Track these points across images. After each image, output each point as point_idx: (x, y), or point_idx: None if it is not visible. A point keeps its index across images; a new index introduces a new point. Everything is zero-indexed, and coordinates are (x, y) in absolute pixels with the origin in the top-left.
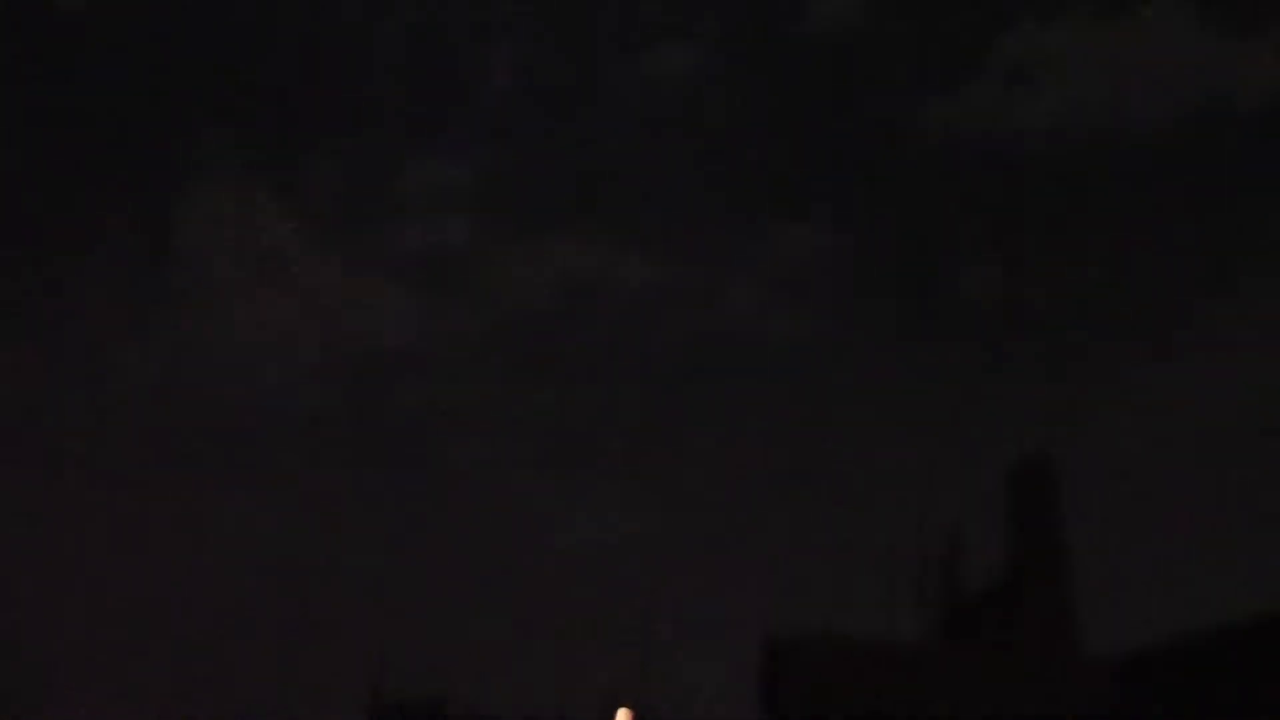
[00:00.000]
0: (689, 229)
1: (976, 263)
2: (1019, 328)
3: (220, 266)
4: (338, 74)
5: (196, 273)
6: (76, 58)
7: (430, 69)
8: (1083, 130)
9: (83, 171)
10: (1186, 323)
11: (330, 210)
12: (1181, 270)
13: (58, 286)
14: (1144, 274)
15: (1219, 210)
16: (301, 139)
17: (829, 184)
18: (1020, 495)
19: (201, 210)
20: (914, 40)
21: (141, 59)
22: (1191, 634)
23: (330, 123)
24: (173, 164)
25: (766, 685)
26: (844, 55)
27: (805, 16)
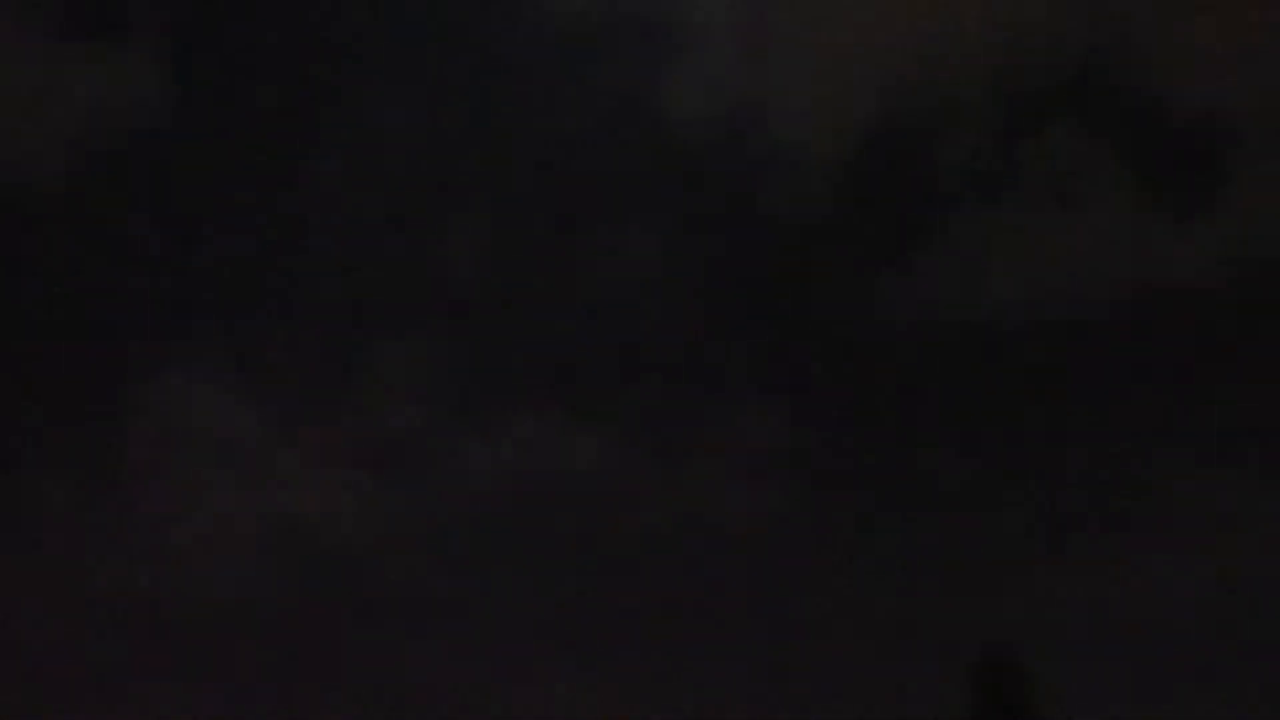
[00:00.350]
0: (648, 411)
1: (935, 443)
2: (980, 508)
3: (175, 453)
4: (296, 256)
5: (151, 460)
6: (41, 240)
7: (389, 248)
8: (1035, 309)
9: (35, 350)
10: (1148, 503)
11: (288, 395)
12: (1141, 449)
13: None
14: (1102, 453)
15: (1172, 388)
16: (260, 323)
17: (787, 366)
18: (984, 689)
19: (157, 397)
20: (865, 220)
21: (101, 241)
22: None
23: (288, 305)
24: (128, 349)
25: None
26: (797, 236)
27: (760, 199)
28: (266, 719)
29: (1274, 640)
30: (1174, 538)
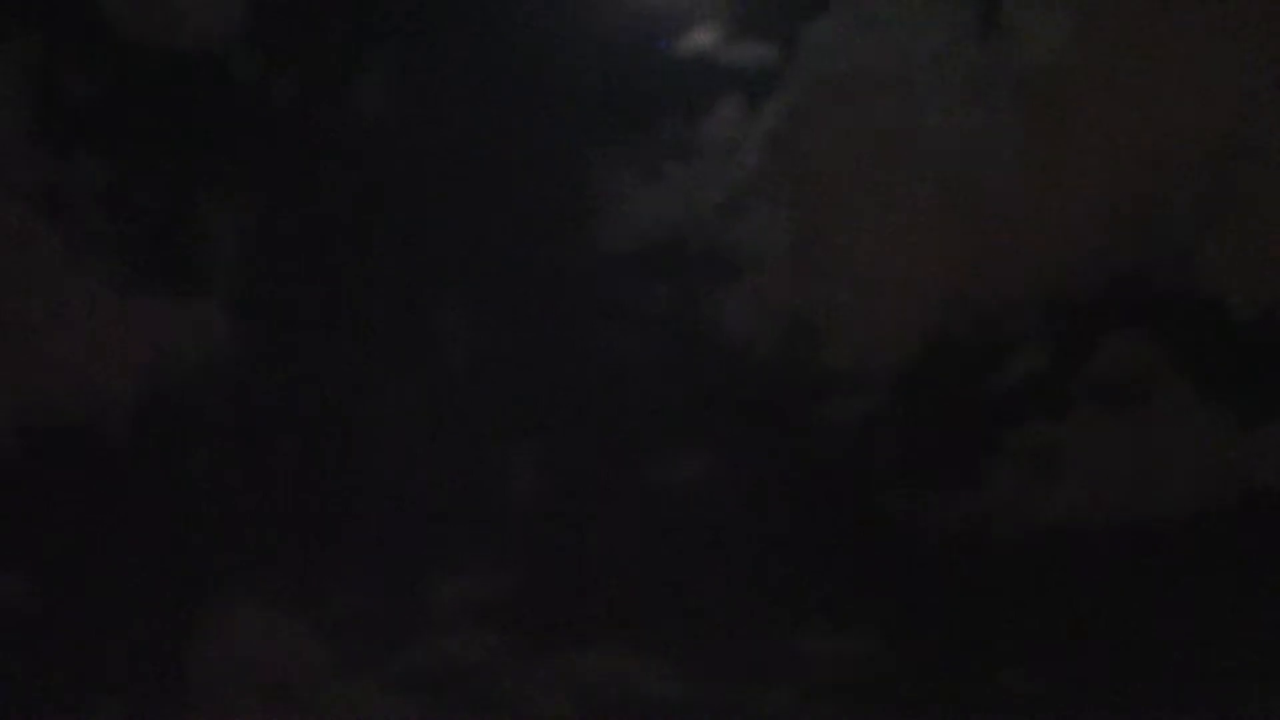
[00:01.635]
0: (713, 640)
1: (1012, 661)
2: None
3: (232, 684)
4: (355, 490)
5: (208, 689)
6: (104, 482)
7: (446, 477)
8: (1101, 519)
9: (95, 581)
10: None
11: (345, 626)
12: (1229, 662)
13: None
14: (1187, 665)
15: (1251, 603)
16: (318, 554)
17: (852, 585)
18: None
19: (214, 626)
20: (923, 436)
21: (164, 480)
22: None
23: (349, 537)
24: (187, 578)
25: None
26: (855, 454)
27: (819, 414)
28: None
29: None
30: None
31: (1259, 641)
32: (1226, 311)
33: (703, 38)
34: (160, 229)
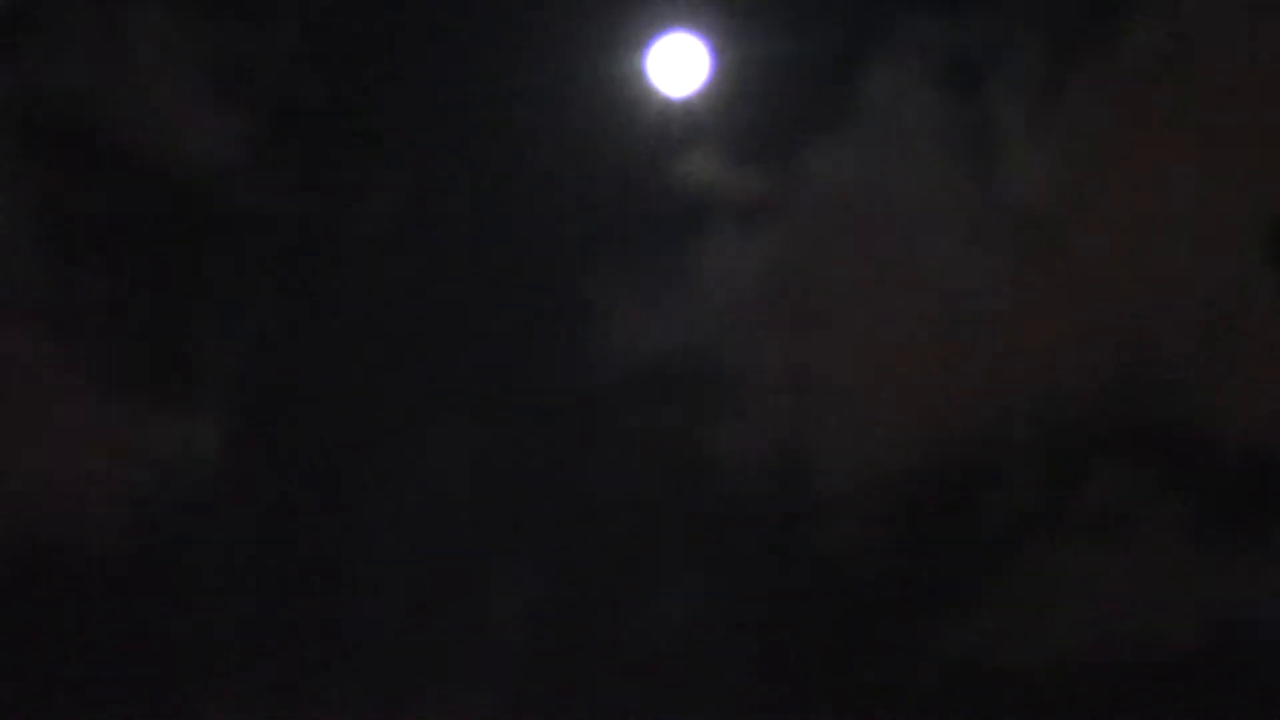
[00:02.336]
0: None
1: None
2: None
3: None
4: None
5: None
6: (96, 596)
7: (435, 599)
8: (1095, 652)
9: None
10: None
11: None
12: None
13: None
14: None
15: None
16: (304, 677)
17: (845, 717)
18: None
19: None
20: (915, 567)
21: (156, 598)
22: None
23: (339, 666)
24: (176, 702)
25: None
26: (845, 584)
27: (812, 540)
28: None
29: None
30: None
31: None
32: (1221, 444)
33: (699, 163)
34: (160, 347)
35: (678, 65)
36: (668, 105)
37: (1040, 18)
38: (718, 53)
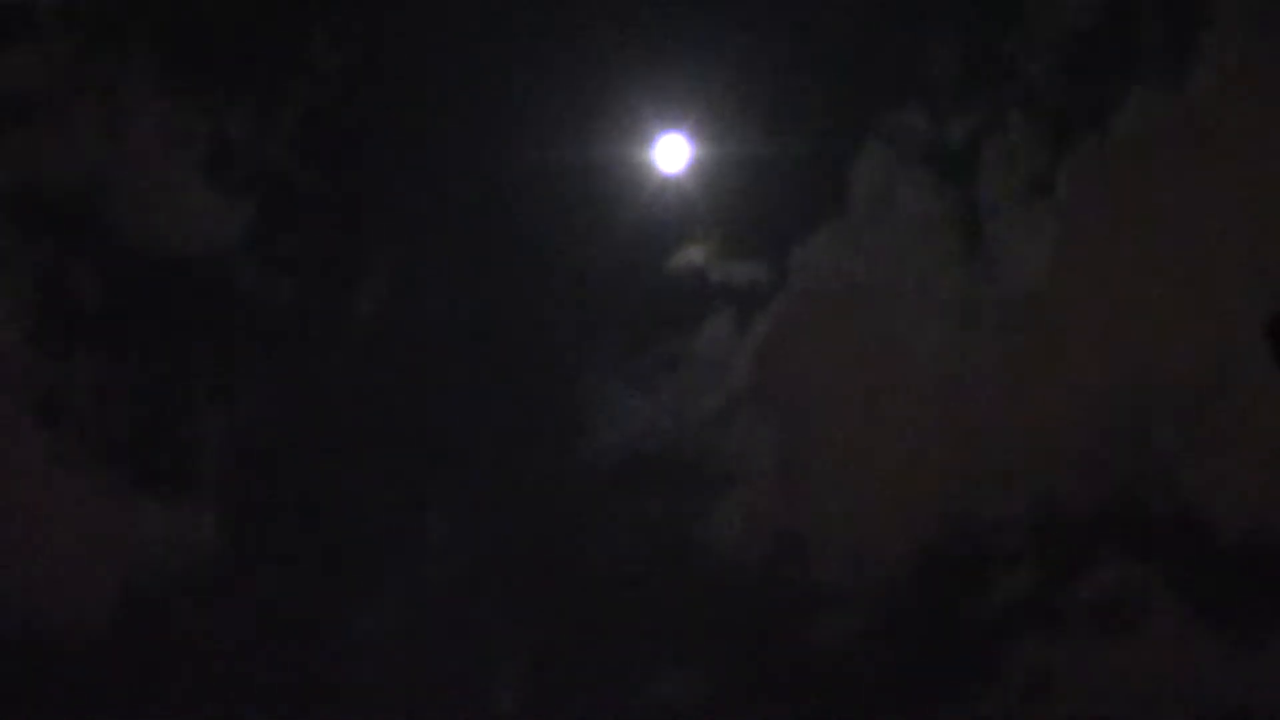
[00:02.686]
0: None
1: None
2: None
3: None
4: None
5: None
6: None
7: (434, 693)
8: None
9: None
10: None
11: None
12: None
13: None
14: None
15: None
16: None
17: None
18: None
19: None
20: (913, 656)
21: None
22: None
23: None
24: None
25: None
26: (843, 672)
27: (809, 631)
28: None
29: None
30: None
31: None
32: (1219, 531)
33: (696, 254)
34: (154, 432)
35: (675, 159)
36: (665, 197)
37: (1032, 106)
38: (715, 147)
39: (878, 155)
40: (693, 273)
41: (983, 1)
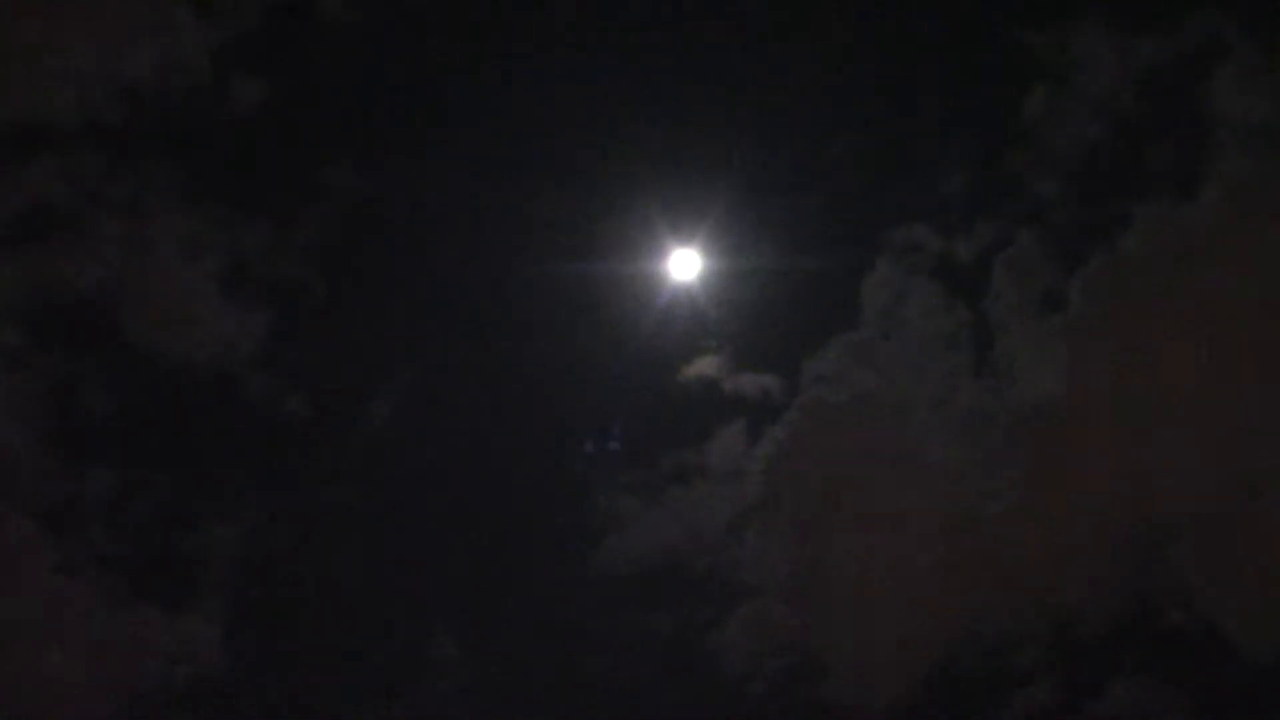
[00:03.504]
0: None
1: None
2: None
3: None
4: None
5: None
6: None
7: None
8: None
9: None
10: None
11: None
12: None
13: None
14: None
15: None
16: None
17: None
18: None
19: None
20: None
21: None
22: None
23: None
24: None
25: None
26: None
27: None
28: None
29: None
30: None
31: None
32: (1238, 651)
33: (708, 368)
34: (162, 543)
35: (687, 271)
36: (677, 310)
37: (1042, 222)
38: (727, 260)
39: (889, 270)
40: (705, 384)
41: (992, 120)
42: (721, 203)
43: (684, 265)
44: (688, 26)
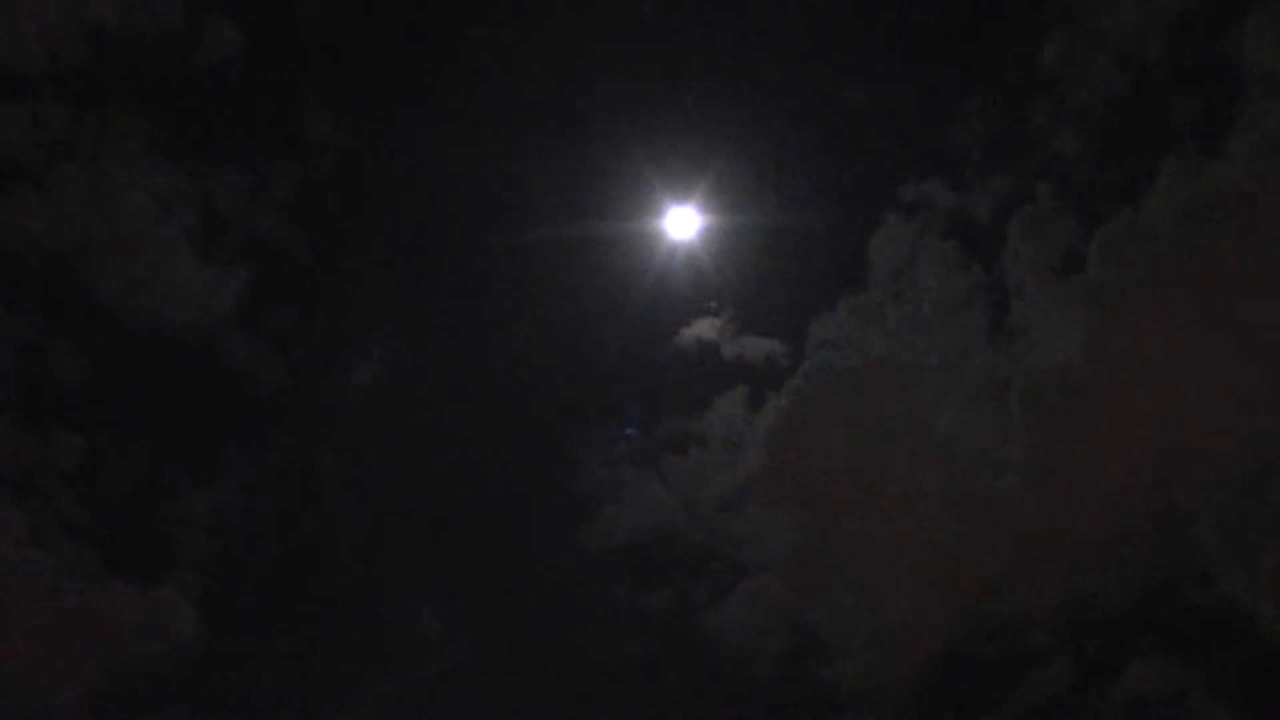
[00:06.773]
0: None
1: None
2: None
3: None
4: None
5: None
6: None
7: None
8: None
9: None
10: None
11: None
12: None
13: None
14: None
15: None
16: None
17: None
18: None
19: None
20: None
21: None
22: None
23: None
24: None
25: None
26: None
27: None
28: None
29: None
30: None
31: None
32: (1258, 628)
33: (708, 330)
34: (134, 514)
35: (686, 228)
36: (675, 268)
37: (1062, 178)
38: (728, 216)
39: (899, 228)
40: (703, 349)
41: (1009, 68)
42: (721, 157)
43: (682, 223)
44: None
